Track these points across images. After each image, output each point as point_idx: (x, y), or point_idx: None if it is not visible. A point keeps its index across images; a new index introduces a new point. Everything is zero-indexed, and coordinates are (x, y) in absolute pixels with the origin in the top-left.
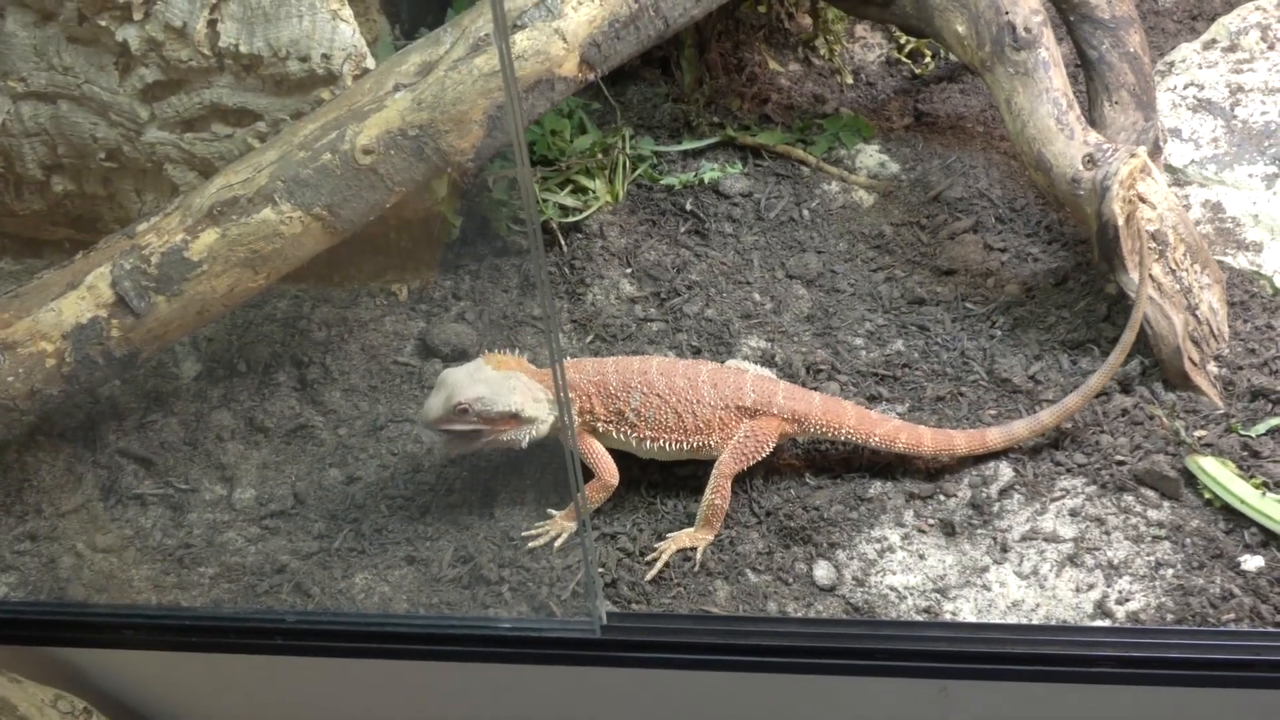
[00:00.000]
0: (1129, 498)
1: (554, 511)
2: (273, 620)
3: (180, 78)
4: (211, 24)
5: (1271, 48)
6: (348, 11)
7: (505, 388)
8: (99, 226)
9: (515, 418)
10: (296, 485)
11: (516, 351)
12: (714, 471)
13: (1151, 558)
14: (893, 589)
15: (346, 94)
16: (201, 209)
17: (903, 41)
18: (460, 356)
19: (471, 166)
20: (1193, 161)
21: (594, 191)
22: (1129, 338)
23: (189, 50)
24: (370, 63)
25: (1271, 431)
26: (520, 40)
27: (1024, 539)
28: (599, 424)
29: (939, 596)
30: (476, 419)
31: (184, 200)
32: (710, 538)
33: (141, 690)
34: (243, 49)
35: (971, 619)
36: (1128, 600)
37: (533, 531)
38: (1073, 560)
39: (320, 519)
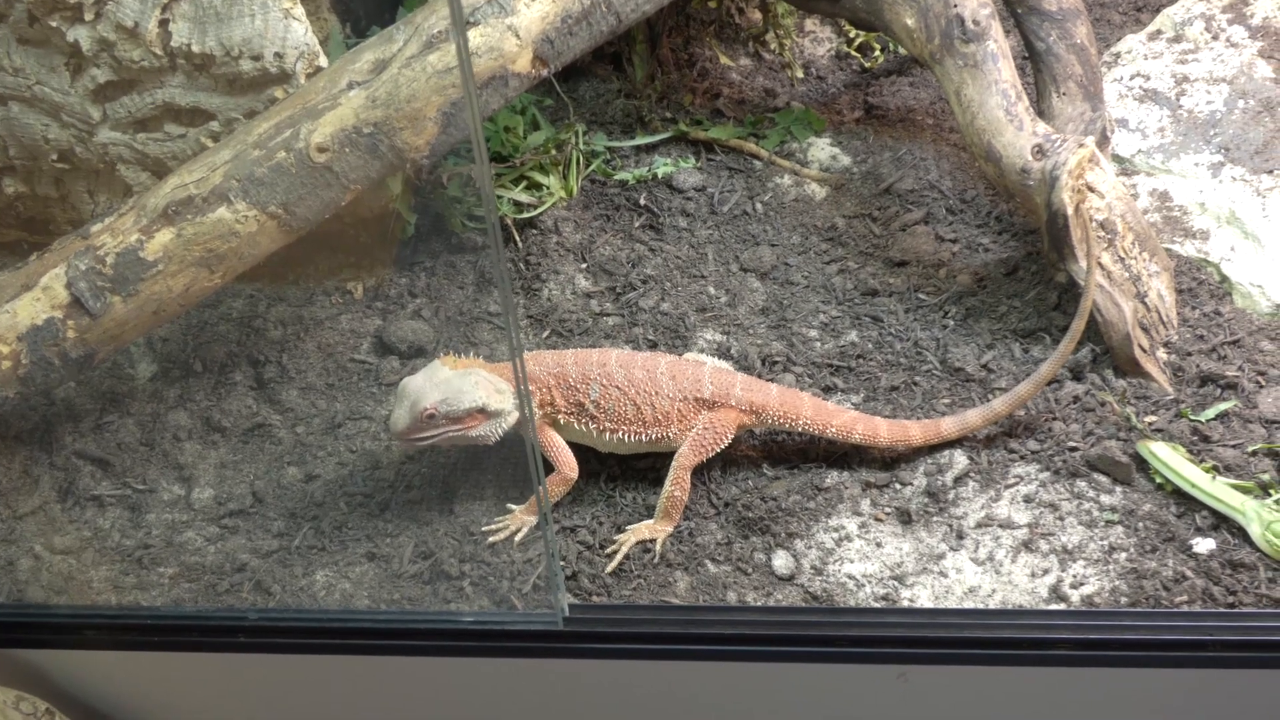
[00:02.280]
0: (1082, 483)
1: (514, 506)
2: (234, 618)
3: (132, 78)
4: (163, 24)
5: (1215, 38)
6: (300, 10)
7: (467, 384)
8: (52, 228)
9: (482, 412)
10: (255, 484)
11: (472, 353)
12: (673, 463)
13: (1105, 542)
14: (851, 577)
15: (300, 92)
16: (156, 209)
17: (852, 35)
18: (417, 353)
19: (426, 163)
20: (1140, 151)
21: (548, 187)
22: (1079, 325)
23: (141, 50)
24: (323, 61)
25: (1220, 416)
26: (474, 37)
27: (979, 526)
28: (560, 416)
29: (896, 584)
30: (445, 421)
31: (138, 200)
32: (670, 529)
33: (104, 690)
34: (195, 48)
35: (929, 605)
36: (1082, 584)
37: (493, 526)
38: (1027, 546)
39: (280, 517)
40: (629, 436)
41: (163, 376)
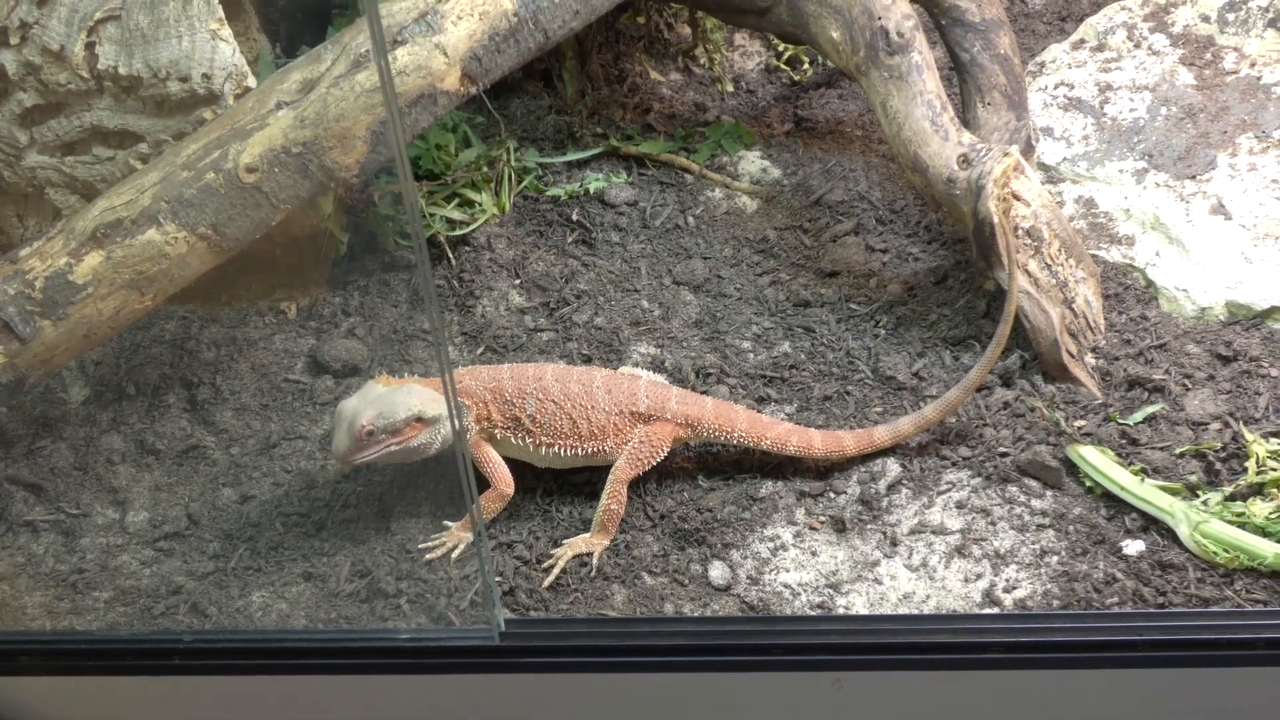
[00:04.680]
0: (1013, 488)
1: (450, 523)
2: (170, 640)
3: (59, 101)
4: (90, 46)
5: (1138, 46)
6: (227, 31)
7: (400, 395)
8: None
9: (419, 420)
10: (190, 506)
11: (406, 372)
12: (610, 477)
13: (1036, 546)
14: (787, 586)
15: (228, 113)
16: (85, 232)
17: (781, 49)
18: (351, 373)
19: (357, 182)
20: (1065, 159)
21: (480, 204)
22: (1004, 330)
23: (68, 73)
24: (251, 81)
25: (1148, 419)
26: (401, 55)
27: (913, 532)
28: (496, 431)
29: (832, 591)
30: (385, 435)
31: (67, 224)
32: (606, 543)
33: (40, 716)
34: (122, 71)
35: (864, 612)
36: (1015, 588)
37: (430, 543)
38: (960, 551)
39: (215, 539)
40: (565, 451)
41: (95, 400)
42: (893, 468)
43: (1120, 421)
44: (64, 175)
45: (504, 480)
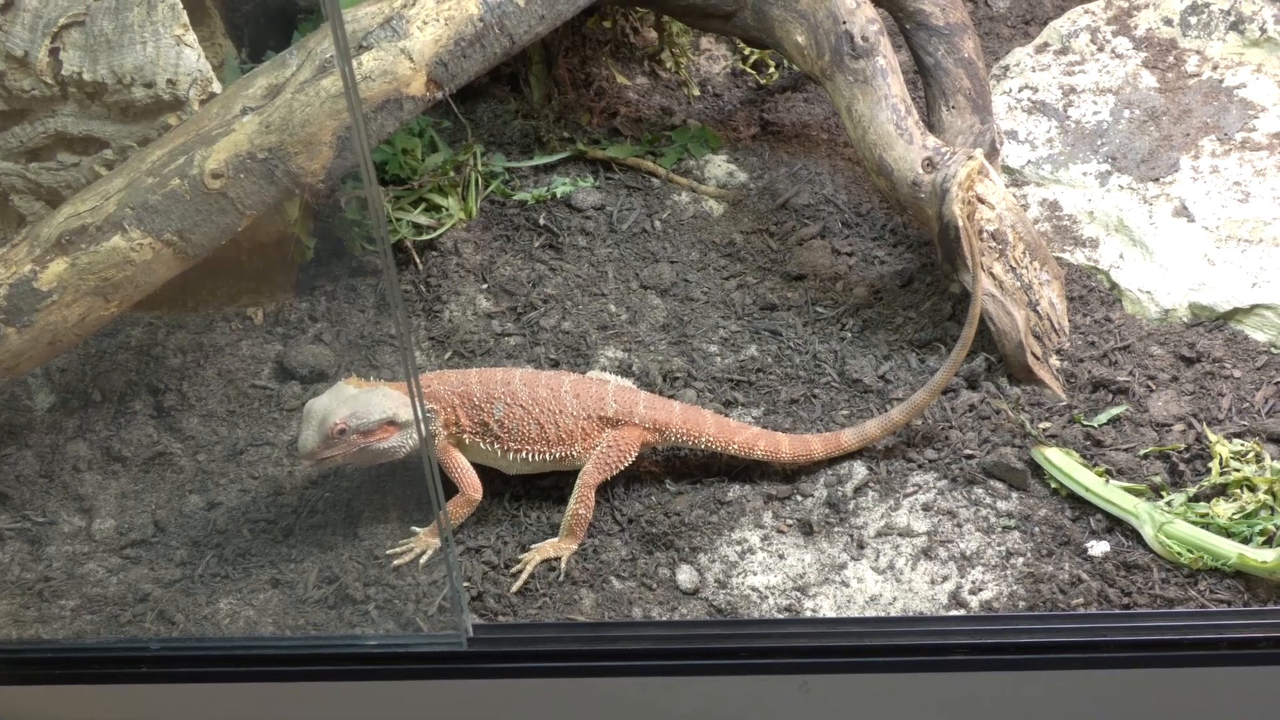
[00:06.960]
0: (979, 490)
1: (418, 529)
2: (136, 648)
3: (23, 107)
4: (54, 52)
5: (1101, 49)
6: (192, 37)
7: (375, 397)
8: None
9: (392, 424)
10: (157, 513)
11: (373, 376)
12: (578, 481)
13: (1002, 547)
14: (754, 589)
15: (193, 119)
16: (50, 239)
17: (746, 53)
18: (318, 378)
19: (323, 187)
20: (1029, 162)
21: (447, 209)
22: (969, 333)
23: (31, 79)
24: (216, 87)
25: (1112, 420)
26: (367, 61)
27: (879, 535)
28: (465, 436)
29: (799, 594)
30: (356, 435)
31: (31, 230)
32: (574, 547)
33: None
34: (86, 77)
35: (831, 615)
36: (981, 590)
37: (397, 549)
38: (927, 553)
39: (182, 546)
40: (533, 455)
41: (61, 407)
42: (859, 470)
43: (1085, 423)
44: (28, 182)
45: (472, 485)
